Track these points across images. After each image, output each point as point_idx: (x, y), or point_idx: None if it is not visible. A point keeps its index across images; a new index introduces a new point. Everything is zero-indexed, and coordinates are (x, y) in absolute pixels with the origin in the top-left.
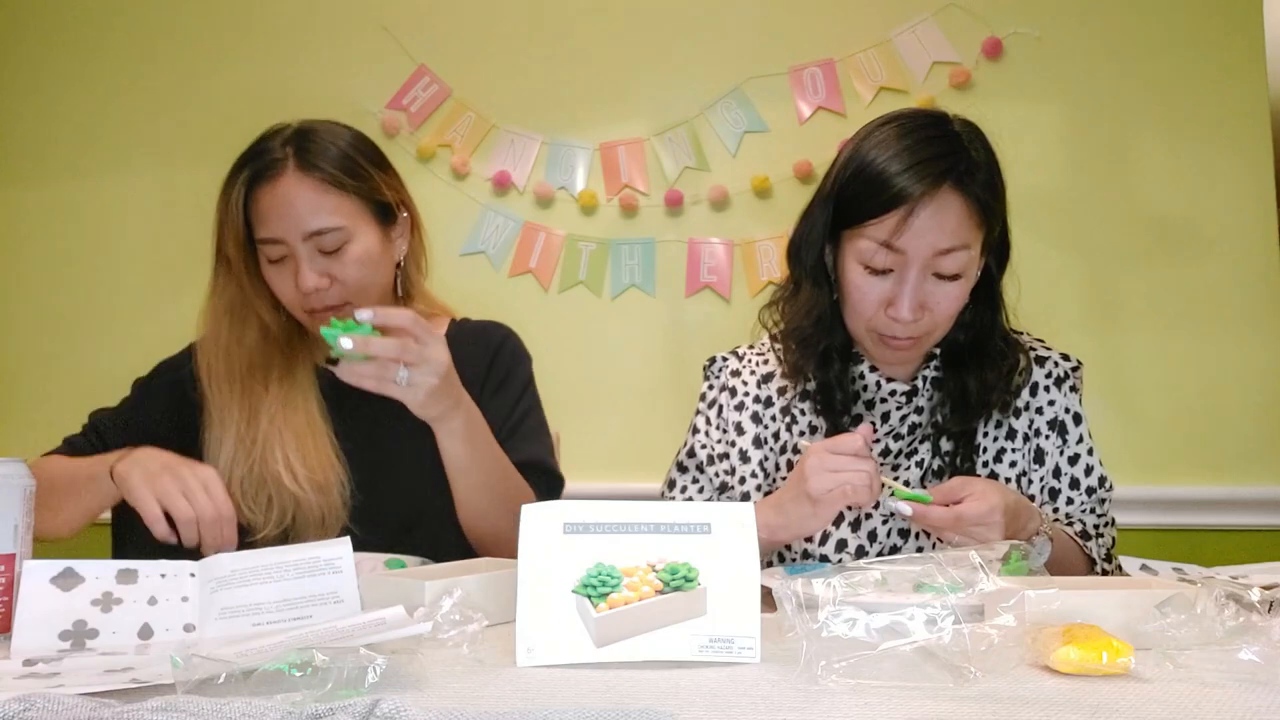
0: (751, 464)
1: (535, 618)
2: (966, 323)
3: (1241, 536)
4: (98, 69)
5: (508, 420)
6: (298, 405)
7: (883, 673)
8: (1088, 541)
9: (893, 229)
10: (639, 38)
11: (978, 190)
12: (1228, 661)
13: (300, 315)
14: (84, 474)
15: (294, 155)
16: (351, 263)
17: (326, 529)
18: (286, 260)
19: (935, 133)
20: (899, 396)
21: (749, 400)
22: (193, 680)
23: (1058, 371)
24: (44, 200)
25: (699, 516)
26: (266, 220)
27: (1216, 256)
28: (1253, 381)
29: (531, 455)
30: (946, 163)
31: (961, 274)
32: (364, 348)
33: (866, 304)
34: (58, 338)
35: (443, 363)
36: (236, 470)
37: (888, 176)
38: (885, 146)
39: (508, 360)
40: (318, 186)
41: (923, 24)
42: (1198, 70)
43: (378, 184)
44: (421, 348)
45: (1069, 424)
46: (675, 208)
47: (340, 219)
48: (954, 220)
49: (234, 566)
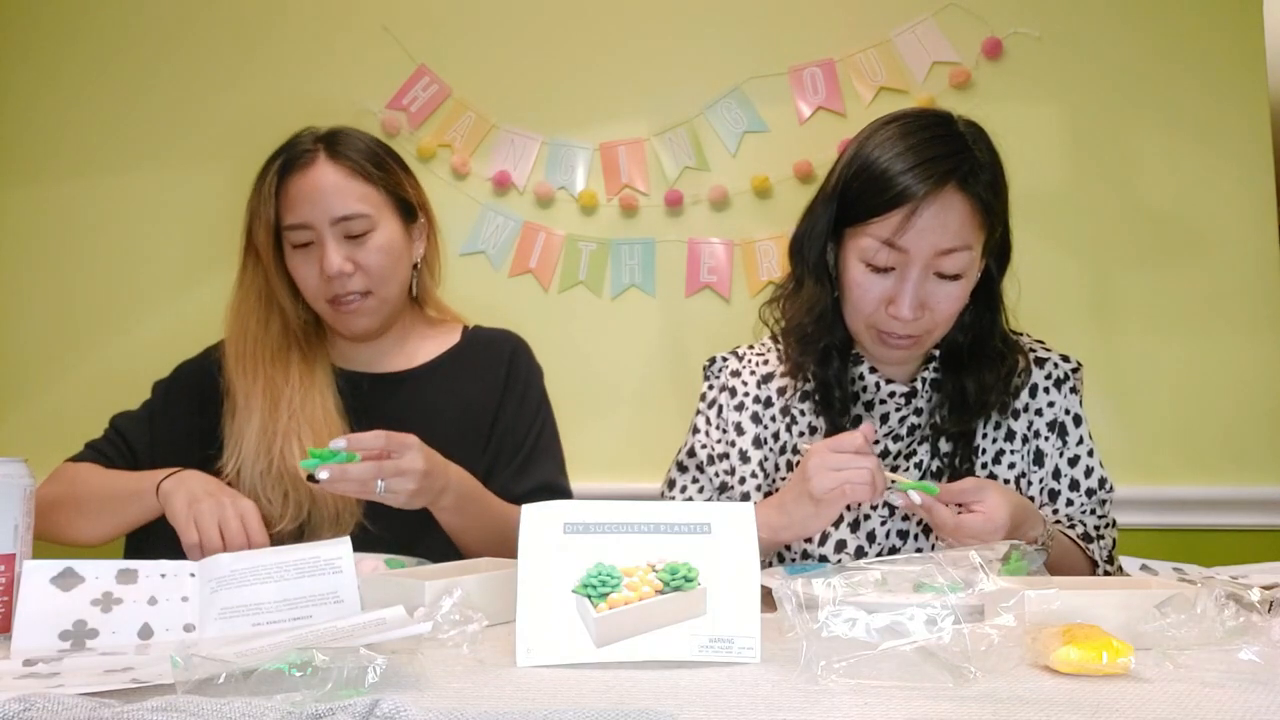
0: (751, 464)
1: (535, 618)
2: (966, 324)
3: (1241, 536)
4: (108, 72)
5: (524, 443)
6: (316, 401)
7: (883, 673)
8: (1089, 544)
9: (895, 227)
10: (639, 38)
11: (981, 191)
12: (1228, 661)
13: (321, 307)
14: (127, 489)
15: (325, 147)
16: (375, 250)
17: (341, 525)
18: (312, 247)
19: (940, 132)
20: (898, 398)
21: (749, 400)
22: (193, 680)
23: (1057, 373)
24: (54, 200)
25: (699, 516)
26: (296, 206)
27: (1216, 256)
28: (1252, 382)
29: (543, 479)
30: (951, 163)
31: (962, 274)
32: (341, 475)
33: (867, 301)
34: (65, 339)
35: (418, 471)
36: (257, 464)
37: (892, 175)
38: (890, 145)
39: (524, 372)
40: (347, 174)
41: (923, 24)
42: (1198, 70)
43: (401, 180)
44: (396, 463)
45: (1069, 425)
46: (675, 208)
47: (367, 207)
48: (957, 221)
49: (234, 566)
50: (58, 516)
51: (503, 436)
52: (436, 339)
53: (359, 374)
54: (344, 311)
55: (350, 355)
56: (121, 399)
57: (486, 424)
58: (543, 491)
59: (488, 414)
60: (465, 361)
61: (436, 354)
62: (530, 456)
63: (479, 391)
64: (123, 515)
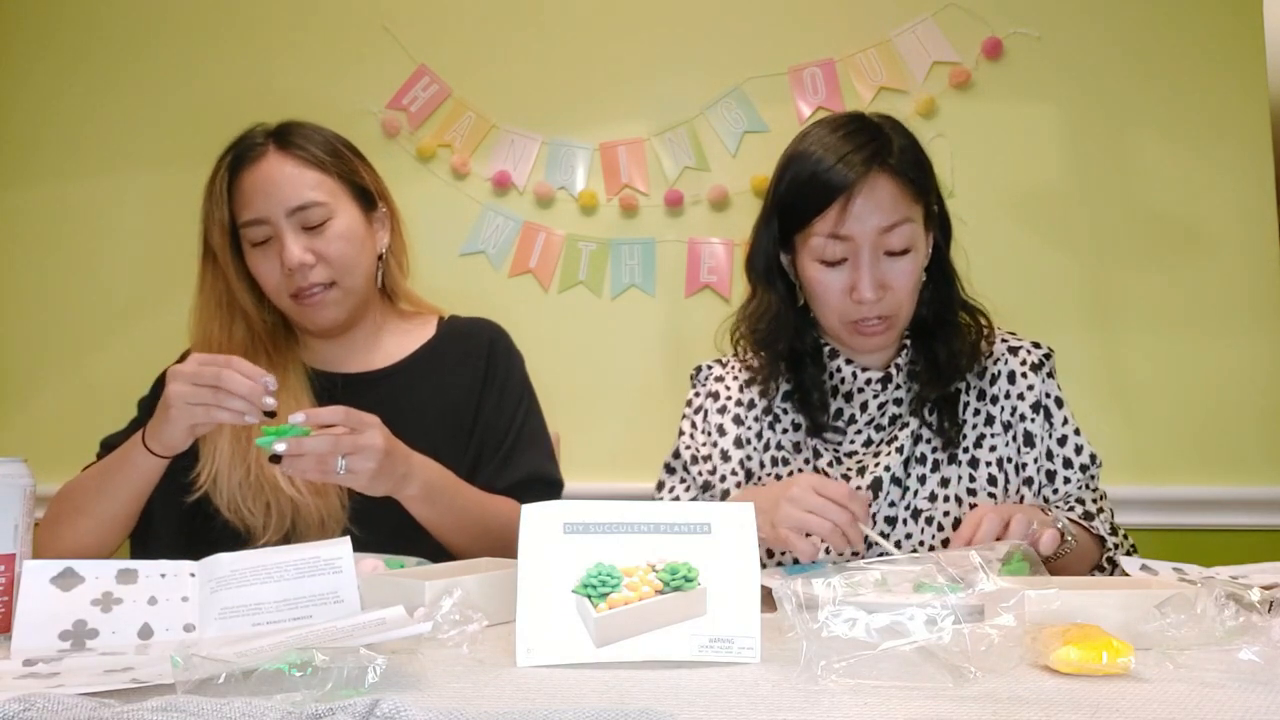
0: (732, 463)
1: (535, 618)
2: (926, 299)
3: (1241, 536)
4: (90, 69)
5: (507, 434)
6: (290, 406)
7: (883, 673)
8: (1091, 521)
9: (836, 219)
10: (639, 38)
11: (905, 169)
12: (1228, 661)
13: (284, 303)
14: (114, 460)
15: (274, 140)
16: (335, 239)
17: (327, 531)
18: (270, 243)
19: (854, 128)
20: (875, 384)
21: (731, 404)
22: (193, 680)
23: (1031, 359)
24: (36, 202)
25: (699, 516)
26: (250, 201)
27: (1216, 256)
28: (1253, 381)
29: (530, 470)
30: (870, 149)
31: (910, 248)
32: (297, 449)
33: (831, 295)
34: (49, 339)
35: (378, 448)
36: (234, 475)
37: (820, 173)
38: (812, 150)
39: (503, 361)
40: (299, 164)
41: (923, 24)
42: (1198, 70)
43: (356, 167)
44: (355, 438)
45: (1052, 408)
46: (675, 208)
47: (322, 194)
48: (889, 199)
49: (234, 566)
50: (62, 529)
51: (485, 430)
52: (411, 333)
53: (333, 374)
54: (308, 304)
55: (324, 356)
56: (121, 400)
57: (469, 418)
58: (530, 482)
59: (469, 408)
60: (442, 355)
61: (412, 349)
62: (515, 447)
63: (458, 386)
64: (121, 489)
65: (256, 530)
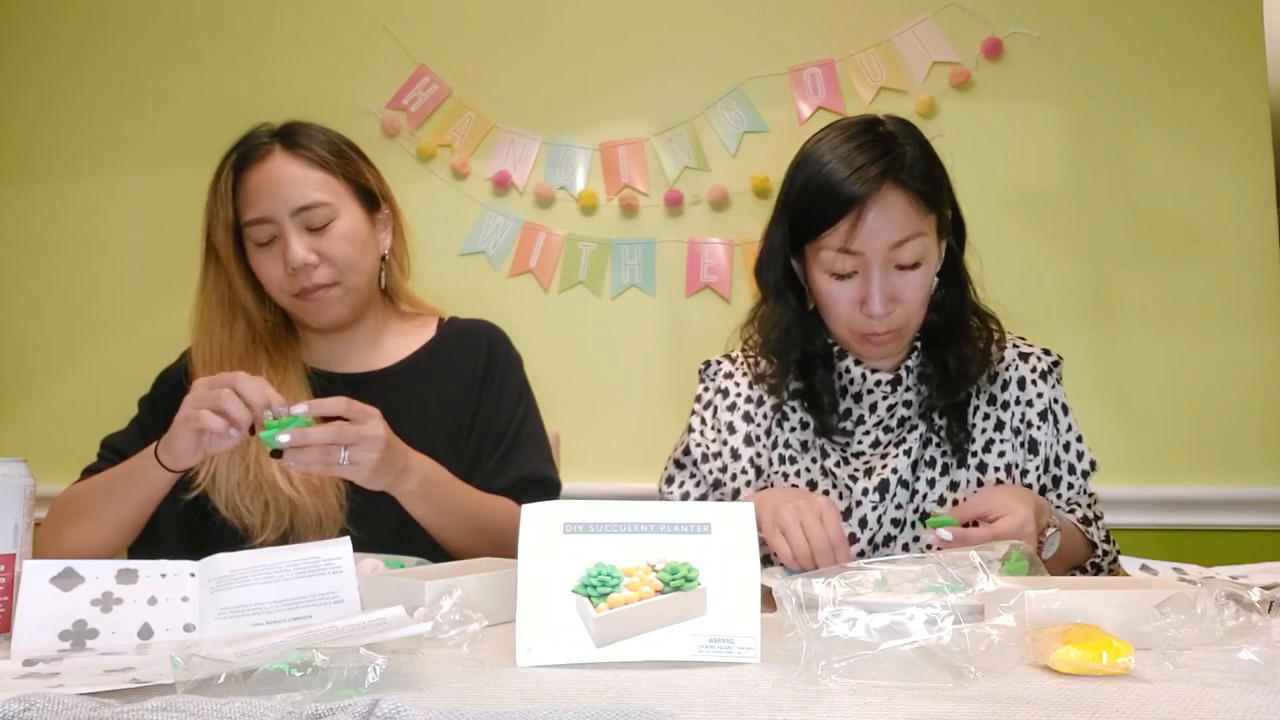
0: (742, 460)
1: (535, 618)
2: (937, 303)
3: (1241, 536)
4: (90, 69)
5: (505, 435)
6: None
7: (883, 673)
8: (1088, 527)
9: (846, 234)
10: (639, 38)
11: (917, 183)
12: (1228, 661)
13: (287, 302)
14: (124, 468)
15: (280, 140)
16: (339, 239)
17: (325, 531)
18: (275, 242)
19: (868, 138)
20: (884, 386)
21: (740, 401)
22: (193, 680)
23: (1041, 365)
24: (36, 202)
25: (699, 516)
26: (255, 200)
27: (1216, 256)
28: (1253, 381)
29: (527, 470)
30: (883, 164)
31: (921, 261)
32: (302, 439)
33: (841, 308)
34: (49, 339)
35: (380, 438)
36: (232, 474)
37: (832, 186)
38: (823, 160)
39: (502, 362)
40: (304, 164)
41: (923, 24)
42: (1198, 70)
43: (361, 168)
44: (358, 428)
45: (1059, 414)
46: (675, 208)
47: (327, 195)
48: (900, 214)
49: (234, 566)
50: (66, 531)
51: (484, 430)
52: (411, 334)
53: (333, 374)
54: (311, 301)
55: (324, 356)
56: (121, 400)
57: (467, 419)
58: (527, 483)
59: (467, 409)
60: (441, 356)
61: (412, 350)
62: (512, 448)
63: (457, 387)
64: (127, 497)
65: (254, 529)
